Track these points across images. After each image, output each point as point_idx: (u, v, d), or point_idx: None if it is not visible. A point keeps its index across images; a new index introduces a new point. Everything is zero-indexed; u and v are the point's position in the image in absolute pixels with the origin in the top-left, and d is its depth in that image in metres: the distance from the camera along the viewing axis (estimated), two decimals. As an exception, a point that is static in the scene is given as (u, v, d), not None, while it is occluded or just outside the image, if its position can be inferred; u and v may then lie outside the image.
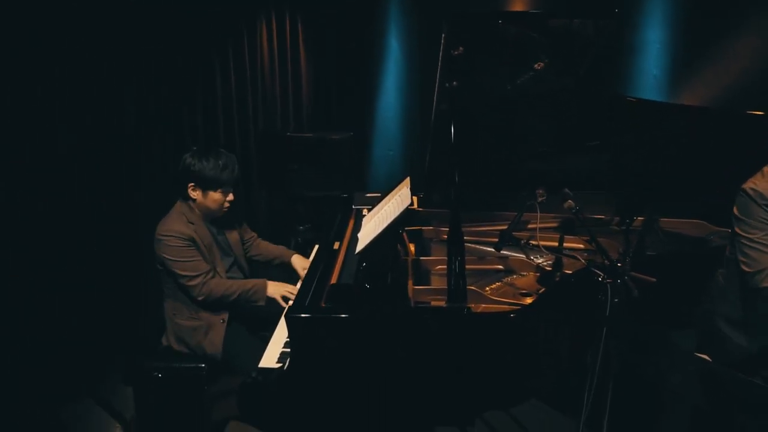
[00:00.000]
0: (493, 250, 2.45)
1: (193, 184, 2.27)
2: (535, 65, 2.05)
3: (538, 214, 2.35)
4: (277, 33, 4.06)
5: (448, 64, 1.95)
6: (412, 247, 2.57)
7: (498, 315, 1.86)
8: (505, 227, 2.51)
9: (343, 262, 2.32)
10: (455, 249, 1.86)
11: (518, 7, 3.66)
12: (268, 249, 2.73)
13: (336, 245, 2.51)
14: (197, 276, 2.23)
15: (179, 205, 2.32)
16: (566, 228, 2.65)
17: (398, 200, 2.38)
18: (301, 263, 2.68)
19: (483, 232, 2.73)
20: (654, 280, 1.95)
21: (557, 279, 2.20)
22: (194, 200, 2.30)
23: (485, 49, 2.04)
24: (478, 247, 2.60)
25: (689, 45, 3.61)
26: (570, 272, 2.23)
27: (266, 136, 3.61)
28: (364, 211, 2.87)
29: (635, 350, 1.68)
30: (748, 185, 1.77)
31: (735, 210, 1.80)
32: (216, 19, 3.61)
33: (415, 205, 3.02)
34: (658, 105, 2.64)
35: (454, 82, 2.01)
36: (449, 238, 1.90)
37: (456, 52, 1.89)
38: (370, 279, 1.99)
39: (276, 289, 2.34)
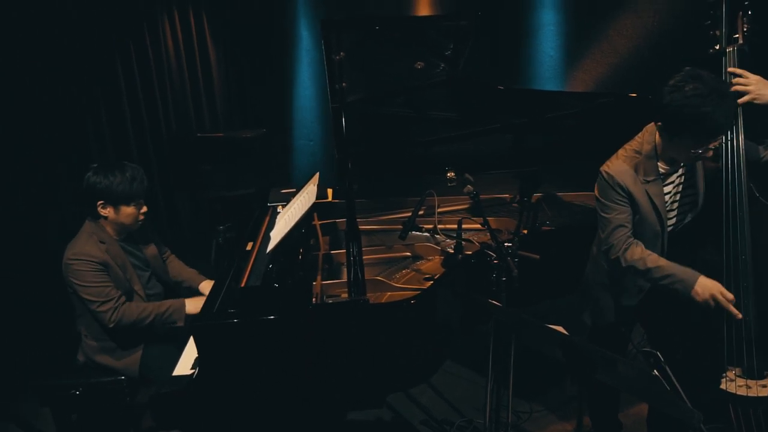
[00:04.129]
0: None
1: (102, 201, 2.19)
2: (416, 65, 2.17)
3: (436, 199, 2.48)
4: (181, 30, 3.98)
5: (332, 68, 2.03)
6: (325, 241, 2.67)
7: (398, 303, 1.98)
8: (420, 213, 2.65)
9: (254, 263, 2.37)
10: (352, 241, 1.96)
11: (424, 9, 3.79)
12: (178, 269, 2.61)
13: (249, 246, 2.56)
14: (107, 302, 2.16)
15: (88, 225, 2.25)
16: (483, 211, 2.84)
17: (305, 198, 2.45)
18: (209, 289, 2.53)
19: (392, 220, 2.86)
20: (537, 257, 2.13)
21: (456, 262, 2.36)
22: (105, 218, 2.23)
23: (367, 52, 2.13)
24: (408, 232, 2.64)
25: (579, 26, 3.85)
26: (469, 254, 2.39)
27: (176, 139, 3.57)
28: (279, 208, 2.92)
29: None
30: (604, 168, 1.95)
31: (596, 190, 1.98)
32: (114, 22, 3.50)
33: (330, 198, 3.12)
34: (544, 93, 2.83)
35: (344, 84, 2.09)
36: (346, 231, 2.00)
37: (338, 57, 1.97)
38: (278, 279, 2.07)
39: (196, 306, 2.28)
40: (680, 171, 1.94)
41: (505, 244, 2.20)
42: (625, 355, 2.34)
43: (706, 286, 1.77)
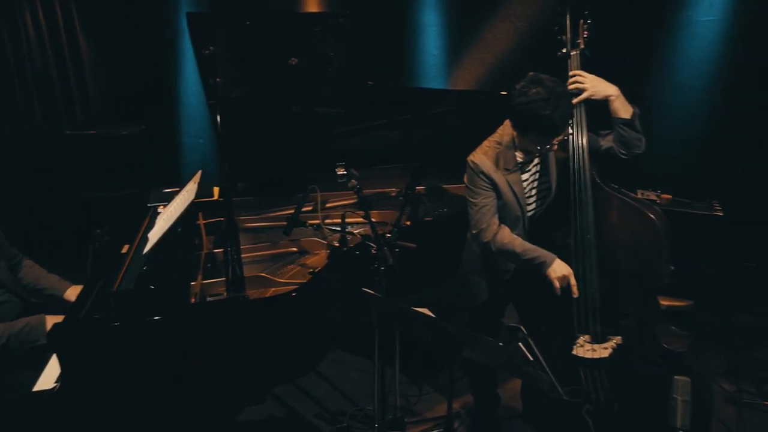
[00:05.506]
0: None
1: None
2: (290, 61, 2.18)
3: (319, 195, 2.52)
4: (45, 20, 3.65)
5: (203, 63, 1.99)
6: (210, 240, 2.61)
7: (277, 296, 2.00)
8: (308, 208, 2.69)
9: (129, 266, 2.27)
10: (230, 239, 1.94)
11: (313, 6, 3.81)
12: (36, 275, 2.37)
13: (125, 248, 2.44)
14: None
15: None
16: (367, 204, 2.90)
17: (184, 196, 2.38)
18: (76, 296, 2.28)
19: (280, 217, 2.85)
20: (414, 246, 2.24)
21: (341, 254, 2.42)
22: None
23: (241, 48, 2.11)
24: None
25: (460, 28, 4.06)
26: (353, 246, 2.46)
27: (42, 137, 3.29)
28: (160, 208, 2.80)
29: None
30: (470, 158, 2.11)
31: (465, 179, 2.13)
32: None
33: (216, 196, 3.04)
34: (423, 90, 2.97)
35: (217, 79, 2.05)
36: (224, 229, 1.98)
37: (207, 52, 1.93)
38: (154, 281, 2.00)
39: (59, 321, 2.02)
40: (536, 161, 2.14)
41: (386, 235, 2.30)
42: (498, 332, 2.53)
43: (561, 267, 1.99)
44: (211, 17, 1.88)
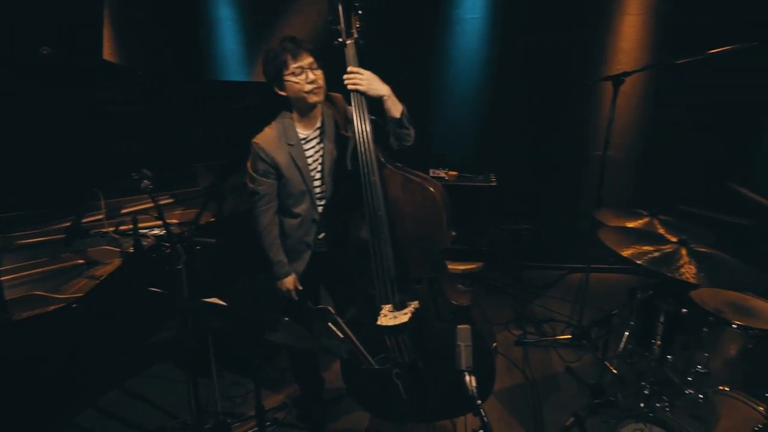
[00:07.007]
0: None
1: None
2: (42, 50, 1.94)
3: (103, 202, 2.32)
4: None
5: None
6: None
7: (48, 314, 1.79)
8: (100, 216, 2.43)
9: None
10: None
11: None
12: None
13: None
14: None
15: None
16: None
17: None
18: None
19: (65, 229, 2.54)
20: (214, 240, 2.18)
21: (136, 260, 2.25)
22: None
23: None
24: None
25: (255, 23, 4.03)
26: (149, 249, 2.30)
27: None
28: None
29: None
30: (255, 139, 2.15)
31: (248, 163, 2.15)
32: None
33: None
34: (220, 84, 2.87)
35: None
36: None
37: None
38: None
39: None
40: (318, 138, 2.22)
41: (185, 233, 2.20)
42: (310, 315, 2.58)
43: (287, 283, 2.28)
44: None
